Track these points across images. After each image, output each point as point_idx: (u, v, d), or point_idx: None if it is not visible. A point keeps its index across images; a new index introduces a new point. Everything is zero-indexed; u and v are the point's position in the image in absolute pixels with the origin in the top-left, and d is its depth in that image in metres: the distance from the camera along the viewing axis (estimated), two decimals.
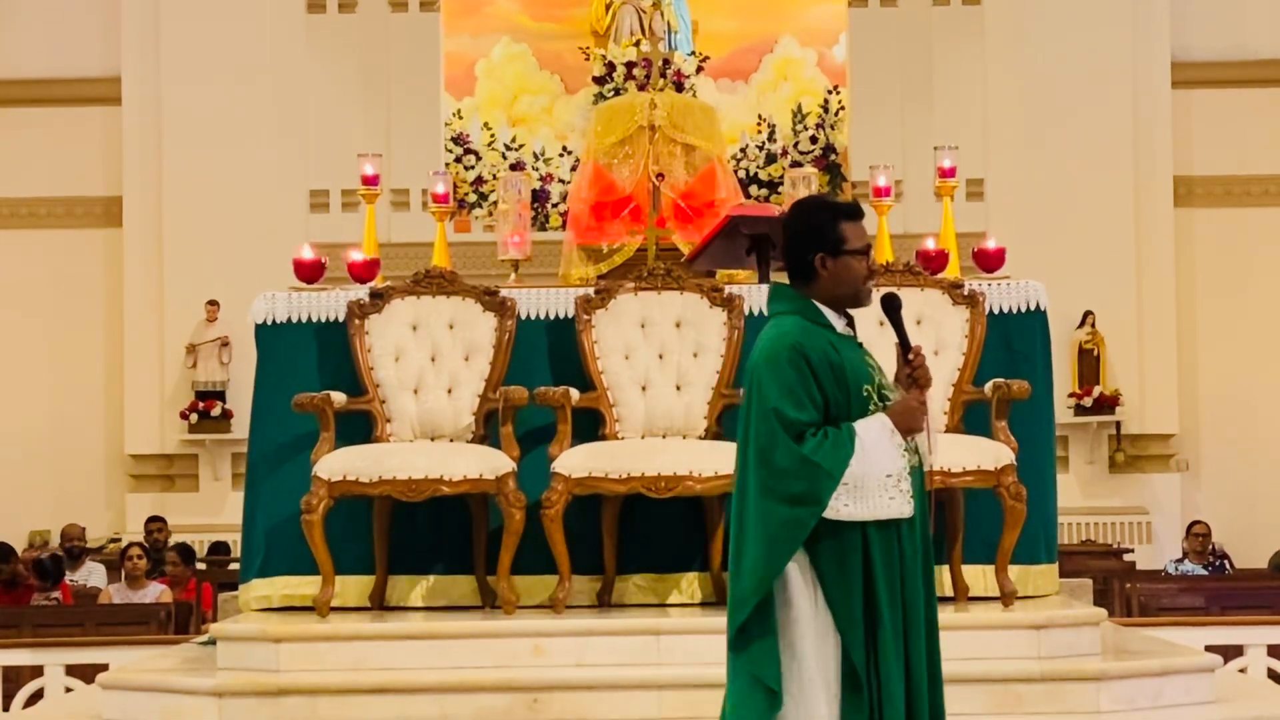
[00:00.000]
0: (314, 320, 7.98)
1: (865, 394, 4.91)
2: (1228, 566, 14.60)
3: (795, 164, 16.72)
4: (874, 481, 4.85)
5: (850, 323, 5.02)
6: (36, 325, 16.83)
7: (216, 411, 16.27)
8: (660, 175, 9.74)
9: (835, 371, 4.89)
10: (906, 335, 4.98)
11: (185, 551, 13.75)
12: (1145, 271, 16.59)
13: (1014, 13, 16.72)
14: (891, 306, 5.00)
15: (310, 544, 7.36)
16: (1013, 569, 7.56)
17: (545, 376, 7.83)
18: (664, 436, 7.69)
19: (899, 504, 4.88)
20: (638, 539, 7.80)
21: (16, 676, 9.40)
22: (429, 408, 7.74)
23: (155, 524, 15.12)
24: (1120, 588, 11.01)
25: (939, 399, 7.63)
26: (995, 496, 7.39)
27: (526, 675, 6.90)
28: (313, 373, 7.90)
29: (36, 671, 9.28)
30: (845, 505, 4.83)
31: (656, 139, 9.88)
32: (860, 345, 5.02)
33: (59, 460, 16.74)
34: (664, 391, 7.72)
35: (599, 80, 17.07)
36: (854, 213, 5.02)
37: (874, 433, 4.86)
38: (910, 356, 4.94)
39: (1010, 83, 16.64)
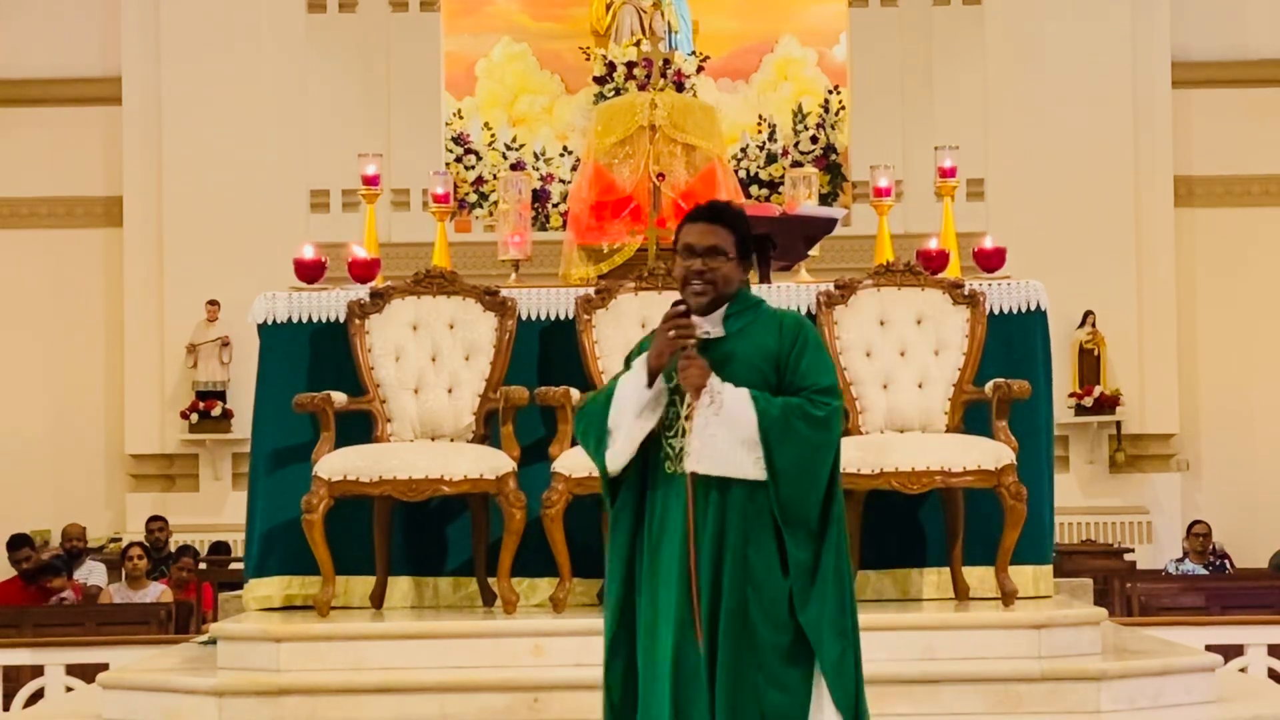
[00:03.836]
0: (314, 320, 7.98)
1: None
2: (1228, 566, 14.60)
3: (796, 164, 16.69)
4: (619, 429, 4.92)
5: (727, 321, 4.98)
6: (36, 325, 16.82)
7: (217, 411, 16.27)
8: (660, 175, 9.72)
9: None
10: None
11: (195, 555, 13.78)
12: (1145, 271, 16.59)
13: (1014, 13, 16.72)
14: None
15: (310, 544, 7.36)
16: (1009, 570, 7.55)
17: (545, 376, 7.83)
18: None
19: (608, 452, 4.93)
20: None
21: (16, 676, 9.40)
22: (429, 407, 7.74)
23: (156, 524, 15.13)
24: (1120, 587, 11.02)
25: (938, 399, 7.63)
26: (995, 496, 7.39)
27: (526, 675, 6.90)
28: (313, 373, 7.90)
29: (37, 671, 9.28)
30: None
31: (657, 139, 9.86)
32: (698, 343, 4.91)
33: (59, 460, 16.73)
34: None
35: (599, 80, 17.06)
36: (693, 215, 5.02)
37: (627, 376, 4.97)
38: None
39: (1010, 83, 16.63)
